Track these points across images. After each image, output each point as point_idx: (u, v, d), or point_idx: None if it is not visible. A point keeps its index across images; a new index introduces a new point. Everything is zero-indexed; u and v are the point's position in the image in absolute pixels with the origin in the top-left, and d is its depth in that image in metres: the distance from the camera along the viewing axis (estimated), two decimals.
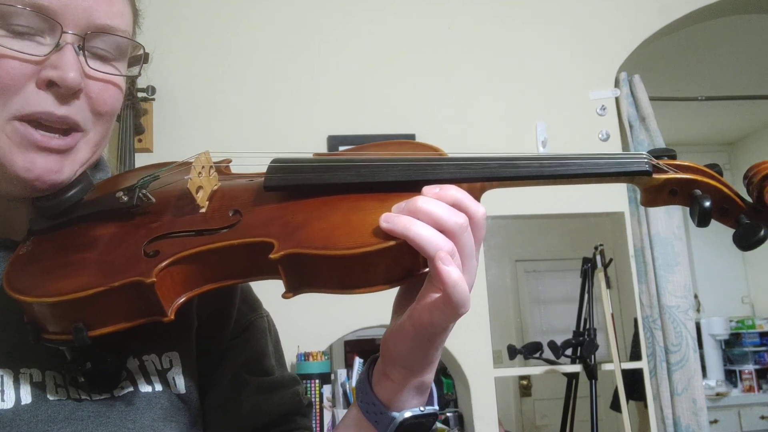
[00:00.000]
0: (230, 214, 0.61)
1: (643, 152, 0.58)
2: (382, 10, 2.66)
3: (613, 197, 2.62)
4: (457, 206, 0.54)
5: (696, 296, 4.84)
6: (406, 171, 0.59)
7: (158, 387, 0.64)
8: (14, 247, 0.63)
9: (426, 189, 0.55)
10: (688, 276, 2.66)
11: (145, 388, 0.63)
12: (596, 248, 2.56)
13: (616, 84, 2.74)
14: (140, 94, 2.31)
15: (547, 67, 2.69)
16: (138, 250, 0.58)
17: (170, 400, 0.65)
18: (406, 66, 2.62)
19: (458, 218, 0.53)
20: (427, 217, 0.53)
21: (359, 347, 3.26)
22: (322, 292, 0.56)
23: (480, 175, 0.58)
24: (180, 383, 0.66)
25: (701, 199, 0.54)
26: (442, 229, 0.53)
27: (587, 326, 2.52)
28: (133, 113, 2.23)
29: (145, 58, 0.66)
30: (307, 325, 2.34)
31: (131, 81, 1.96)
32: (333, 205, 0.58)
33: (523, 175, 0.57)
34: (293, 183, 0.61)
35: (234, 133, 2.47)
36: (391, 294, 0.63)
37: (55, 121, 0.58)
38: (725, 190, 0.56)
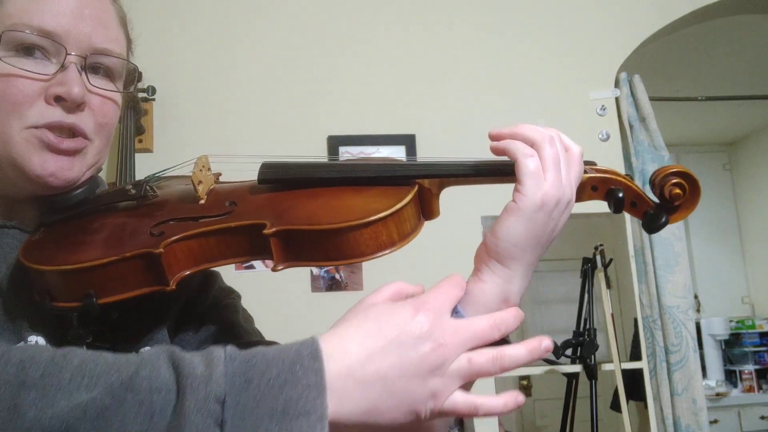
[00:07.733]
0: (226, 204, 0.69)
1: None
2: (382, 11, 2.66)
3: None
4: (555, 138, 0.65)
5: (696, 296, 4.84)
6: (378, 168, 0.70)
7: None
8: (25, 233, 0.71)
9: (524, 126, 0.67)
10: (688, 276, 2.66)
11: None
12: (596, 248, 2.56)
13: (616, 84, 2.74)
14: (140, 94, 2.31)
15: (547, 67, 2.68)
16: (145, 231, 0.66)
17: None
18: (406, 66, 2.62)
19: (546, 132, 0.64)
20: (520, 135, 0.65)
21: None
22: (309, 264, 0.65)
23: (438, 172, 0.69)
24: None
25: (616, 192, 0.68)
26: (533, 142, 0.64)
27: (587, 326, 2.51)
28: (134, 113, 2.23)
29: (138, 77, 0.77)
30: (308, 324, 2.34)
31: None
32: (317, 195, 0.68)
33: (472, 173, 0.69)
34: (283, 177, 0.71)
35: (234, 132, 2.47)
36: None
37: (66, 129, 0.68)
38: (635, 187, 0.70)
